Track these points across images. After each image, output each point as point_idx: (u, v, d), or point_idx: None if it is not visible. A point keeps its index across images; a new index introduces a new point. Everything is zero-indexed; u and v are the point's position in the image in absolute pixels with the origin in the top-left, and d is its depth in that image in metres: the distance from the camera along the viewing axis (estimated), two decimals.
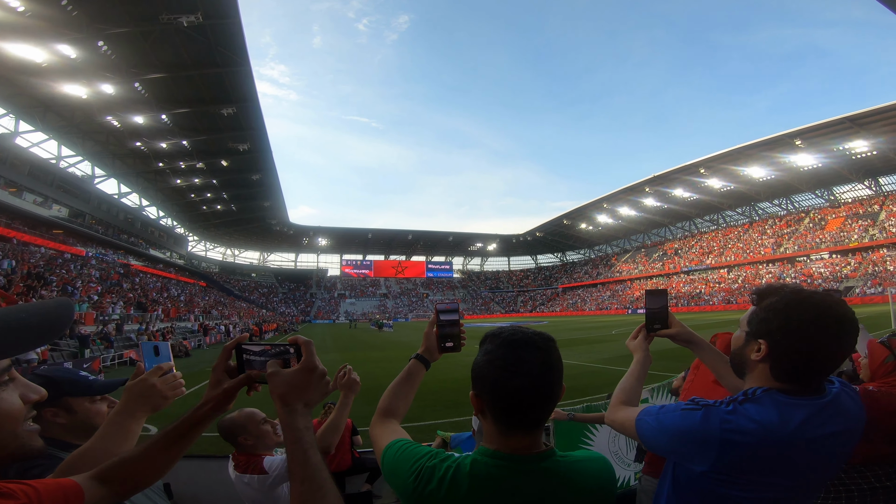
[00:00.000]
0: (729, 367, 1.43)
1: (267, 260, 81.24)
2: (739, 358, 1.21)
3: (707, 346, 1.52)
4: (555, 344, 0.98)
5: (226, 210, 54.06)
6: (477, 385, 0.98)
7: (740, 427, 1.02)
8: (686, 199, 57.76)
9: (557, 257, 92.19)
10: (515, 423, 0.95)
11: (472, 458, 0.97)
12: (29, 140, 30.47)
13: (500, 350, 0.95)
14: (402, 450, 1.05)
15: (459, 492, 0.92)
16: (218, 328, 31.20)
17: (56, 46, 21.54)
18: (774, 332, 1.10)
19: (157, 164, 37.87)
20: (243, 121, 32.78)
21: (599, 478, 1.00)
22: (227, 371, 0.94)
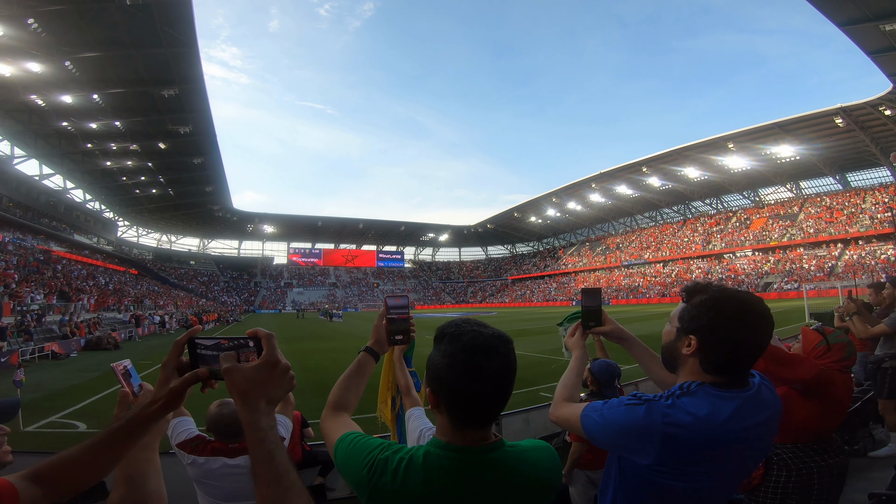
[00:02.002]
0: (657, 362, 1.53)
1: (208, 247, 77.03)
2: (671, 352, 1.27)
3: (637, 343, 1.59)
4: (513, 346, 1.01)
5: (162, 194, 50.57)
6: (434, 384, 0.99)
7: (678, 420, 1.08)
8: (629, 196, 60.56)
9: (507, 249, 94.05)
10: (470, 420, 0.98)
11: (425, 449, 0.99)
12: None
13: (461, 355, 0.95)
14: (354, 442, 1.06)
15: (413, 483, 0.94)
16: (152, 319, 29.46)
17: None
18: (704, 328, 1.16)
19: (86, 145, 34.81)
20: (186, 103, 30.79)
21: (546, 467, 1.03)
22: (178, 367, 0.88)
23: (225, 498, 2.00)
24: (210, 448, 2.01)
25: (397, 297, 1.36)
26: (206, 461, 1.98)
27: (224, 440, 2.04)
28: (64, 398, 9.17)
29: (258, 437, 0.76)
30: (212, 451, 2.00)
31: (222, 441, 2.03)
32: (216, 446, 2.01)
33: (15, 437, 6.55)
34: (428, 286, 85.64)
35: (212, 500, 2.02)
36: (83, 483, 0.89)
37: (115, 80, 26.91)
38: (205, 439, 2.04)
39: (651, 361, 1.59)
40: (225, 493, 2.00)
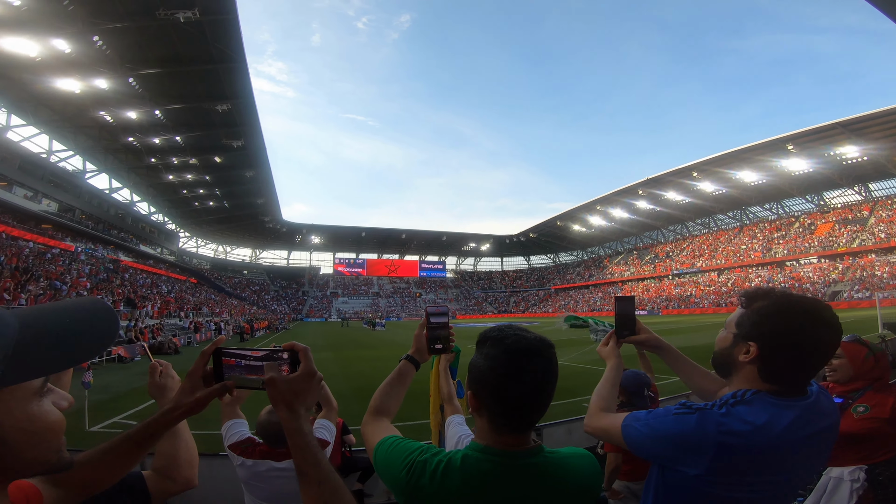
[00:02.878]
0: (698, 372, 1.51)
1: (259, 257, 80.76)
2: (726, 358, 1.22)
3: (674, 351, 1.54)
4: (555, 350, 1.01)
5: (218, 206, 53.67)
6: (476, 387, 1.00)
7: (734, 429, 1.05)
8: (678, 203, 58.18)
9: (550, 258, 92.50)
10: (513, 423, 0.99)
11: (464, 453, 1.00)
12: (20, 134, 30.13)
13: (503, 357, 0.96)
14: (393, 445, 1.08)
15: (451, 486, 0.94)
16: (208, 325, 31.01)
17: (51, 41, 21.36)
18: (765, 336, 1.12)
19: (150, 160, 37.54)
20: (238, 117, 32.60)
21: (586, 475, 1.03)
22: (203, 377, 0.93)
23: (269, 499, 2.08)
24: (259, 451, 2.07)
25: (438, 308, 1.41)
26: (255, 464, 2.05)
27: (272, 445, 2.09)
28: (127, 400, 9.61)
29: (304, 441, 0.83)
30: (260, 454, 2.06)
31: (270, 446, 2.09)
32: (264, 449, 2.08)
33: (81, 436, 6.89)
34: (470, 296, 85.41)
35: (257, 501, 2.09)
36: (102, 484, 0.92)
37: (174, 95, 28.86)
38: (255, 442, 2.11)
39: (690, 371, 1.53)
40: (270, 495, 2.07)
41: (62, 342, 0.60)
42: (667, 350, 1.55)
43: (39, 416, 0.58)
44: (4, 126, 28.35)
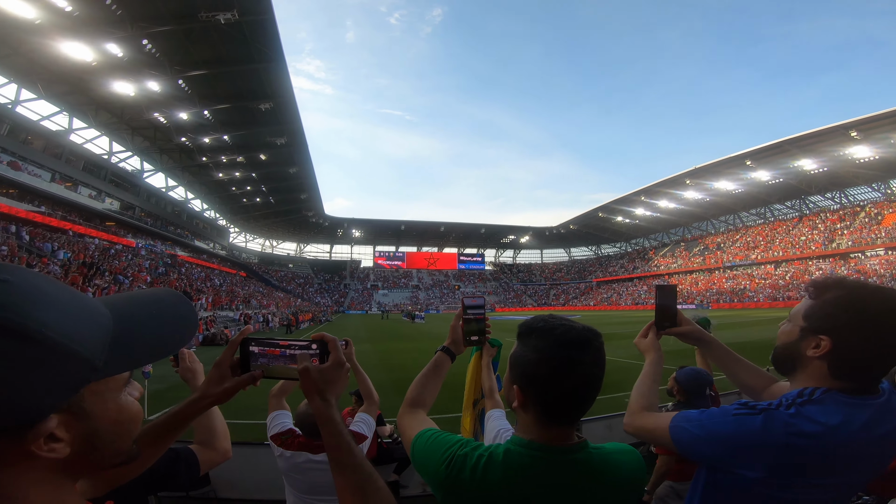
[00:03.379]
0: (744, 367, 1.42)
1: (303, 251, 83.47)
2: (791, 352, 1.15)
3: (718, 345, 1.47)
4: (602, 339, 0.98)
5: (264, 202, 55.86)
6: (522, 380, 0.97)
7: (804, 430, 0.99)
8: (730, 192, 55.30)
9: (592, 250, 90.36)
10: (562, 416, 0.96)
11: (506, 447, 0.97)
12: (82, 137, 32.38)
13: (554, 349, 0.94)
14: (432, 438, 1.05)
15: (492, 480, 0.92)
16: (257, 317, 32.35)
17: (104, 45, 22.73)
18: (841, 329, 1.04)
19: (201, 159, 39.46)
20: (280, 115, 33.63)
21: (631, 470, 1.00)
22: (231, 366, 0.94)
23: (306, 491, 2.11)
24: (297, 443, 2.10)
25: (474, 298, 1.39)
26: (293, 455, 2.08)
27: (310, 437, 2.12)
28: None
29: (338, 430, 0.84)
30: (298, 446, 2.09)
31: (308, 437, 2.12)
32: (302, 441, 2.10)
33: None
34: (509, 288, 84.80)
35: (295, 492, 2.13)
36: (131, 474, 0.93)
37: (220, 96, 30.19)
38: (294, 433, 2.14)
39: (736, 366, 1.43)
40: (307, 487, 2.10)
41: (153, 334, 0.60)
42: (710, 344, 1.47)
43: (126, 406, 0.58)
44: (68, 129, 30.55)
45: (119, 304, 0.60)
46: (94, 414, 0.52)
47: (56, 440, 0.49)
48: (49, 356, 0.46)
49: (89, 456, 0.54)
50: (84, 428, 0.51)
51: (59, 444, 0.49)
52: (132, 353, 0.56)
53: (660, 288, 1.47)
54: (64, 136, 30.41)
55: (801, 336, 1.12)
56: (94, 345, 0.51)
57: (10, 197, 25.27)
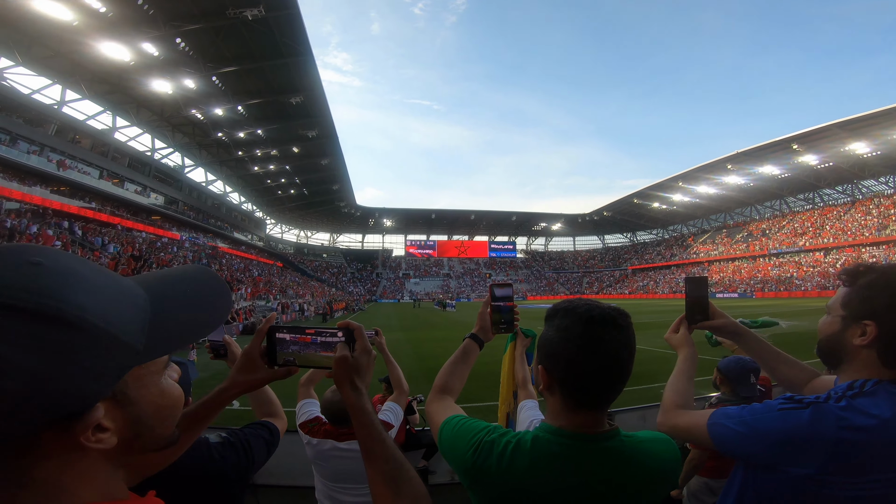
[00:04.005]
0: (783, 361, 1.35)
1: (336, 241, 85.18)
2: (835, 345, 1.11)
3: (754, 337, 1.40)
4: (631, 320, 0.94)
5: (298, 194, 57.25)
6: (548, 361, 0.94)
7: (856, 424, 0.95)
8: (776, 177, 52.58)
9: (627, 237, 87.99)
10: (587, 401, 0.93)
11: (534, 434, 0.95)
12: (126, 135, 34.08)
13: (577, 327, 0.90)
14: (459, 425, 1.04)
15: (518, 468, 0.90)
16: (293, 307, 33.34)
17: (140, 45, 23.66)
18: (883, 312, 1.00)
19: (237, 153, 40.76)
20: (310, 108, 34.25)
21: (664, 460, 0.96)
22: (260, 354, 0.93)
23: (332, 478, 2.13)
24: (323, 431, 2.12)
25: (502, 285, 1.35)
26: (319, 442, 2.10)
27: (335, 425, 2.13)
28: (224, 378, 10.72)
29: (369, 420, 0.83)
30: (324, 434, 2.11)
31: (334, 425, 2.13)
32: (328, 429, 2.12)
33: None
34: (541, 276, 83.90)
35: (322, 480, 2.16)
36: (163, 463, 0.89)
37: (252, 91, 30.99)
38: (321, 421, 2.17)
39: (775, 360, 1.36)
40: (332, 474, 2.12)
41: (190, 314, 0.58)
42: (746, 336, 1.39)
43: (168, 390, 0.57)
44: (112, 128, 32.18)
45: (153, 284, 0.57)
46: (137, 400, 0.51)
47: (103, 430, 0.47)
48: (90, 342, 0.44)
49: (133, 444, 0.52)
50: (128, 415, 0.50)
51: (105, 434, 0.47)
52: (171, 335, 0.54)
53: (689, 279, 1.41)
54: (109, 135, 32.04)
55: (844, 325, 1.08)
56: (134, 328, 0.49)
57: (62, 194, 26.81)
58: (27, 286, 0.42)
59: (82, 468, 0.48)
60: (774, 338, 1.35)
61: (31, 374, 0.40)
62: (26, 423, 0.42)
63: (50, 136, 26.89)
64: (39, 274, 0.44)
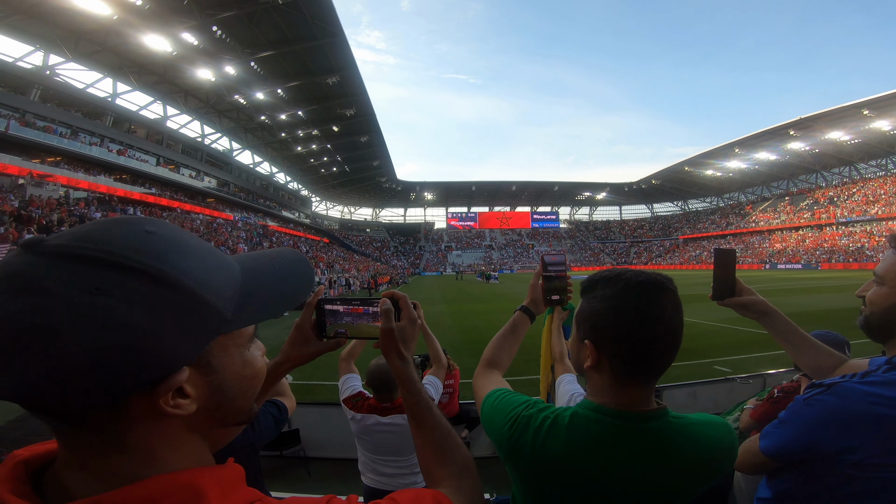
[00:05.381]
0: (811, 345, 1.28)
1: (379, 216, 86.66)
2: (891, 317, 1.06)
3: (782, 318, 1.30)
4: (675, 285, 0.89)
5: (340, 171, 58.41)
6: (596, 334, 0.87)
7: (889, 396, 0.92)
8: (845, 143, 48.72)
9: (678, 206, 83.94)
10: (639, 373, 0.86)
11: (574, 410, 0.91)
12: (177, 122, 35.77)
13: (625, 294, 0.85)
14: (500, 398, 1.01)
15: (553, 446, 0.86)
16: (340, 281, 34.44)
17: (180, 35, 24.49)
18: None
19: (281, 134, 41.94)
20: (347, 88, 34.63)
21: (716, 446, 0.88)
22: (311, 327, 0.95)
23: (375, 451, 2.21)
24: (367, 406, 2.19)
25: (554, 256, 1.30)
26: (363, 418, 2.16)
27: (378, 395, 2.19)
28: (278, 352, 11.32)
29: (416, 388, 0.84)
30: (368, 409, 2.17)
31: (378, 397, 2.19)
32: (372, 404, 2.18)
33: None
34: (585, 246, 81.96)
35: (366, 453, 2.25)
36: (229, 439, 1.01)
37: (290, 74, 31.56)
38: (364, 396, 2.23)
39: (803, 344, 1.27)
40: (374, 447, 2.20)
41: (276, 288, 0.59)
42: (775, 316, 1.29)
43: (251, 361, 0.57)
44: (164, 117, 33.83)
45: (244, 260, 0.60)
46: (220, 369, 0.52)
47: (184, 396, 0.48)
48: (185, 304, 0.46)
49: (214, 414, 0.53)
50: (210, 383, 0.51)
51: (186, 400, 0.48)
52: (258, 306, 0.55)
53: (718, 252, 1.32)
54: (161, 124, 33.77)
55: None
56: (226, 296, 0.50)
57: (125, 182, 28.76)
58: (141, 249, 0.45)
59: (171, 435, 0.49)
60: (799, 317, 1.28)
61: (139, 330, 0.42)
62: (126, 380, 0.43)
63: (107, 127, 28.67)
64: (151, 240, 0.47)
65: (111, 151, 27.97)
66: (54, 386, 0.40)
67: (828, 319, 11.33)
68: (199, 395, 0.49)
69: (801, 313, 12.97)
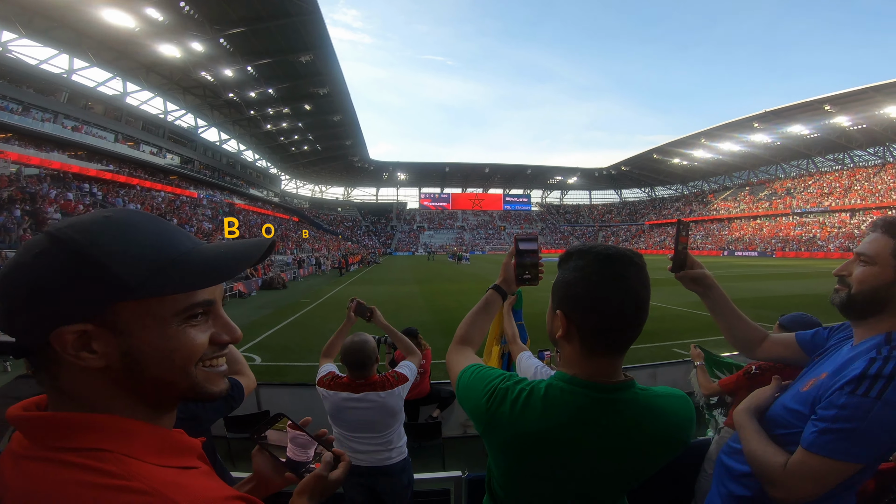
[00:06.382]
0: (743, 321, 1.38)
1: (351, 195, 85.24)
2: (882, 296, 1.09)
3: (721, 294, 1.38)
4: (644, 261, 0.92)
5: (312, 150, 57.05)
6: (567, 304, 0.90)
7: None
8: (805, 137, 50.90)
9: (645, 192, 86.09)
10: (607, 344, 0.90)
11: (548, 382, 0.94)
12: (138, 99, 34.04)
13: (595, 265, 0.88)
14: (476, 372, 1.04)
15: (530, 417, 0.89)
16: (309, 260, 33.85)
17: (144, 10, 23.23)
18: None
19: (249, 112, 40.44)
20: (320, 66, 33.61)
21: (679, 416, 0.93)
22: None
23: (350, 429, 2.28)
24: (339, 384, 2.27)
25: (528, 237, 1.31)
26: (334, 394, 2.25)
27: (352, 373, 2.26)
28: (246, 333, 10.72)
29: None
30: (341, 387, 2.26)
31: (352, 374, 2.26)
32: (345, 381, 2.27)
33: None
34: (555, 230, 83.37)
35: (341, 431, 2.32)
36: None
37: (261, 51, 30.43)
38: (334, 375, 2.32)
39: (737, 320, 1.39)
40: (350, 425, 2.28)
41: (210, 261, 0.61)
42: (716, 291, 1.37)
43: (175, 336, 0.58)
44: (123, 93, 32.12)
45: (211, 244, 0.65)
46: (130, 334, 0.55)
47: (90, 351, 0.53)
48: (84, 269, 0.52)
49: (130, 376, 0.56)
50: (119, 346, 0.55)
51: (92, 354, 0.53)
52: (178, 278, 0.57)
53: (681, 223, 1.37)
54: (121, 100, 32.05)
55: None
56: (137, 266, 0.54)
57: (81, 158, 27.35)
58: (79, 227, 0.54)
59: (98, 388, 0.56)
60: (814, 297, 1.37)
61: (43, 284, 0.51)
62: (33, 325, 0.52)
63: (62, 103, 27.04)
64: (97, 221, 0.55)
65: (66, 128, 26.50)
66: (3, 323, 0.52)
67: (792, 304, 11.89)
68: (108, 353, 0.54)
69: (766, 298, 13.77)
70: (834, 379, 1.08)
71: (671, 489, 2.17)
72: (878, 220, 1.15)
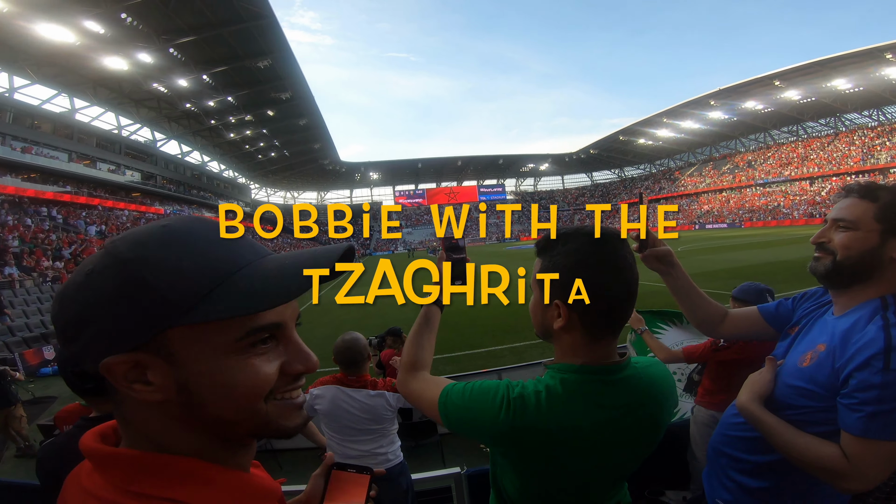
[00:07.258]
0: (704, 299, 1.35)
1: (325, 199, 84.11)
2: (869, 260, 1.06)
3: (682, 273, 1.34)
4: None
5: (280, 156, 55.82)
6: (565, 292, 0.84)
7: None
8: (759, 111, 53.00)
9: (615, 173, 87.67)
10: (611, 326, 0.89)
11: (560, 377, 0.90)
12: (88, 115, 32.50)
13: (591, 247, 0.85)
14: (469, 391, 0.94)
15: (557, 412, 0.87)
16: None
17: (82, 24, 22.02)
18: None
19: (210, 122, 39.29)
20: (280, 70, 32.78)
21: (667, 381, 0.98)
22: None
23: (342, 431, 2.29)
24: (333, 379, 2.29)
25: (453, 241, 1.22)
26: (325, 389, 2.27)
27: (346, 370, 2.27)
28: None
29: None
30: (333, 381, 2.28)
31: (345, 372, 2.27)
32: (338, 377, 2.29)
33: None
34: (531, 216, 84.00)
35: (333, 435, 2.32)
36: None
37: (215, 59, 29.39)
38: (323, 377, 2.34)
39: (698, 298, 1.35)
40: (342, 427, 2.27)
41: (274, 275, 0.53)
42: (678, 269, 1.31)
43: (228, 369, 0.49)
44: (71, 110, 30.61)
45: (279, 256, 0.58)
46: (184, 364, 0.48)
47: (146, 382, 0.47)
48: (131, 289, 0.45)
49: (188, 412, 0.49)
50: (176, 378, 0.48)
51: (147, 387, 0.47)
52: (232, 299, 0.47)
53: (643, 196, 1.26)
54: (70, 117, 30.59)
55: (883, 239, 1.04)
56: (186, 285, 0.46)
57: (34, 181, 26.01)
58: (132, 239, 0.48)
59: (158, 420, 0.50)
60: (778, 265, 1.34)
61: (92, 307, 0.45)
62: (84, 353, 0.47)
63: (8, 124, 25.62)
64: (153, 232, 0.49)
65: (14, 149, 25.13)
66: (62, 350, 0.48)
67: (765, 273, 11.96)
68: (165, 386, 0.47)
69: (739, 268, 13.98)
70: (844, 352, 1.02)
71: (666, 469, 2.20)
72: (851, 185, 1.12)
